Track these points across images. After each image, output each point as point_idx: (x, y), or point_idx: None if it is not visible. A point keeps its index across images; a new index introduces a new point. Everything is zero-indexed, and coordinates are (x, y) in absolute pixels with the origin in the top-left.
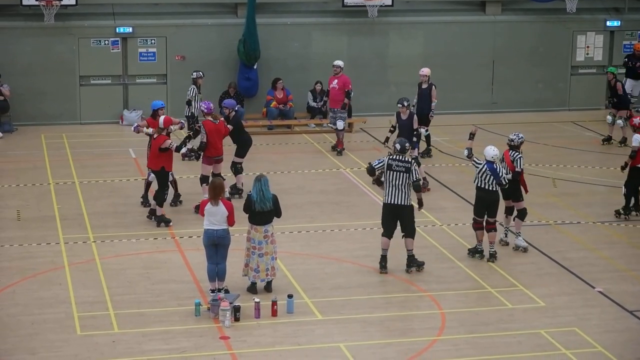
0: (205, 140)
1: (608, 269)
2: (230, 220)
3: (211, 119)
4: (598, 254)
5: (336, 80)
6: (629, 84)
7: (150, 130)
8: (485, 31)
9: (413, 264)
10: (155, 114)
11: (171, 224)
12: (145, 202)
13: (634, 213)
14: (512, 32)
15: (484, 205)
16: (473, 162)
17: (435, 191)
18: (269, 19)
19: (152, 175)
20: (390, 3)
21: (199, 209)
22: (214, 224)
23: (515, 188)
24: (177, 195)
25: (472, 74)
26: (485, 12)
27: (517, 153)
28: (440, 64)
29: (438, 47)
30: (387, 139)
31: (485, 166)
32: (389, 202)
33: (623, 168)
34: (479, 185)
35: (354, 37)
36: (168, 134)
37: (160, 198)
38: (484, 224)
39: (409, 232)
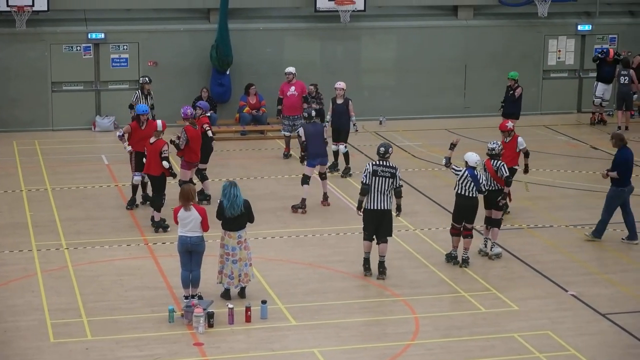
0: (183, 145)
1: (581, 272)
2: (205, 226)
3: (190, 124)
4: (571, 257)
5: (293, 87)
6: (601, 88)
7: (130, 148)
8: (457, 36)
9: (383, 269)
10: (138, 118)
11: (169, 229)
12: (132, 206)
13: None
14: (484, 37)
15: (463, 211)
16: (452, 170)
17: (409, 196)
18: (241, 25)
19: (137, 178)
20: (362, 8)
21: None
22: (187, 231)
23: (493, 196)
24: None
25: (445, 79)
26: (457, 17)
27: (498, 161)
28: (413, 68)
29: (410, 52)
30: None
31: (467, 172)
32: (372, 207)
33: (525, 172)
34: (459, 192)
35: (326, 42)
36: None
37: (158, 203)
38: (462, 229)
39: (386, 236)
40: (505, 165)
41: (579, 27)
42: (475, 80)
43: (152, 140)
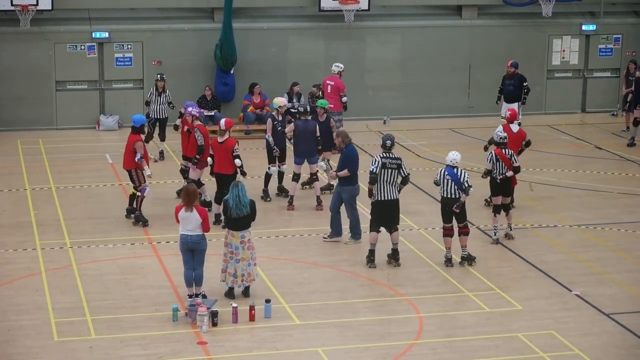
0: (203, 143)
1: (585, 272)
2: (205, 227)
3: (201, 123)
4: (575, 257)
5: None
6: (503, 108)
7: (150, 173)
8: (462, 35)
9: (398, 256)
10: (138, 131)
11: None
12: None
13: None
14: (488, 37)
15: (449, 212)
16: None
17: (413, 195)
18: (246, 24)
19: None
20: (366, 8)
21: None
22: (188, 230)
23: (508, 183)
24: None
25: (449, 78)
26: (461, 17)
27: (509, 150)
28: (417, 68)
29: (414, 52)
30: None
31: (445, 171)
32: (382, 199)
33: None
34: (443, 195)
35: (330, 42)
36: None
37: (219, 197)
38: (454, 229)
39: (396, 225)
40: (514, 155)
41: (584, 27)
42: (479, 80)
43: (220, 139)
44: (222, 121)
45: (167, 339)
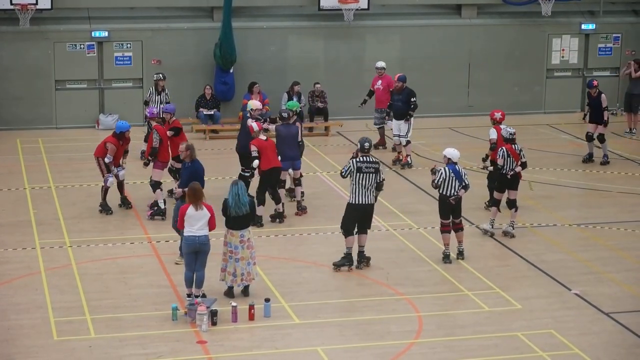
0: (158, 145)
1: (584, 271)
2: (212, 224)
3: (158, 123)
4: (574, 256)
5: (380, 81)
6: (394, 125)
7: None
8: (461, 35)
9: (364, 259)
10: (118, 135)
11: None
12: (108, 211)
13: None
14: (488, 36)
15: (449, 208)
16: (437, 181)
17: (413, 194)
18: (245, 23)
19: (112, 180)
20: (366, 7)
21: (177, 223)
22: (196, 230)
23: (516, 178)
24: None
25: (448, 77)
26: (461, 16)
27: (518, 146)
28: (417, 67)
29: (414, 51)
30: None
31: (449, 169)
32: (357, 202)
33: (484, 160)
34: (443, 192)
35: (330, 41)
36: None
37: (260, 199)
38: (451, 225)
39: (367, 228)
40: (522, 150)
41: (583, 26)
42: (478, 79)
43: (263, 137)
44: (254, 124)
45: (167, 338)
